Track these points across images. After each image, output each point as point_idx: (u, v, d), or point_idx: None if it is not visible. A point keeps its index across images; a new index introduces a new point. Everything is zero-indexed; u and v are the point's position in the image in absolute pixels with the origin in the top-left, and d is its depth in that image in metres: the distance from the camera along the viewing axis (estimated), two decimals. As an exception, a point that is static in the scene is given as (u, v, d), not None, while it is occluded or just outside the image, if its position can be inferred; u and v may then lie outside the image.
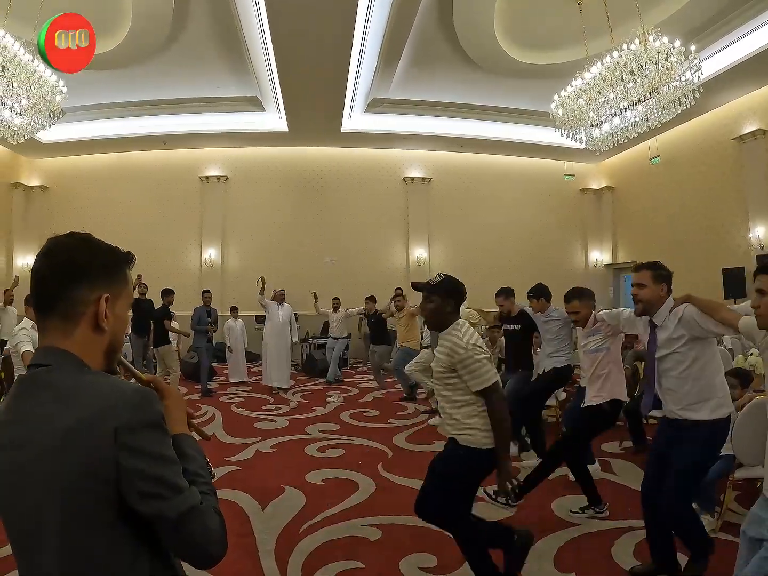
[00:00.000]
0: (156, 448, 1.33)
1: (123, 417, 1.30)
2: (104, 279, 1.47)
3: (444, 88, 13.82)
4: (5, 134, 9.46)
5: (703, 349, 3.69)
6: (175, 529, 1.31)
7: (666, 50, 8.19)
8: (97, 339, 1.46)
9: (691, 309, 3.65)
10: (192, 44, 11.51)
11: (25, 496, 1.31)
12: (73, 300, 1.41)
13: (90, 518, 1.30)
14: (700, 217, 14.42)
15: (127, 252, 1.60)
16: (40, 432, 1.30)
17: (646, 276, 3.85)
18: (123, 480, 1.28)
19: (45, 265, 1.43)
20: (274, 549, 4.46)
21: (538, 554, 4.32)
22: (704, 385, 3.67)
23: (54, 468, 1.27)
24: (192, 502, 1.34)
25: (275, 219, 17.26)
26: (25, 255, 16.75)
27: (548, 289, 6.58)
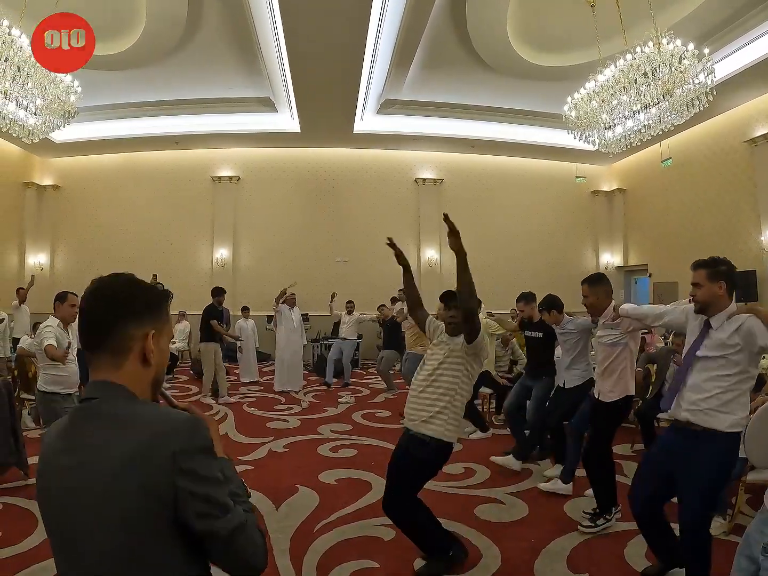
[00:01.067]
0: (209, 471, 1.43)
1: (180, 442, 1.39)
2: (149, 316, 1.56)
3: (456, 89, 13.82)
4: (20, 134, 9.52)
5: (750, 365, 3.51)
6: (225, 545, 1.42)
7: (679, 53, 8.19)
8: (144, 372, 1.56)
9: (753, 321, 3.43)
10: (205, 45, 11.55)
11: (80, 516, 1.38)
12: (122, 336, 1.51)
13: (146, 534, 1.37)
14: (711, 219, 14.38)
15: (166, 290, 1.76)
16: (97, 457, 1.38)
17: (702, 275, 3.67)
18: (180, 500, 1.38)
19: (94, 304, 1.54)
20: (288, 548, 4.50)
21: (550, 555, 4.36)
22: (734, 398, 3.50)
23: (112, 491, 1.35)
24: (240, 519, 1.44)
25: (287, 219, 17.30)
26: (37, 254, 16.88)
27: (559, 300, 6.32)
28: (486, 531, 4.80)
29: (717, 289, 3.60)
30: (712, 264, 3.67)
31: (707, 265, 3.67)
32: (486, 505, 5.44)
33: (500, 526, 4.94)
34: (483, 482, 6.16)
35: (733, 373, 3.49)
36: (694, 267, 3.74)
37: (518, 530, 4.86)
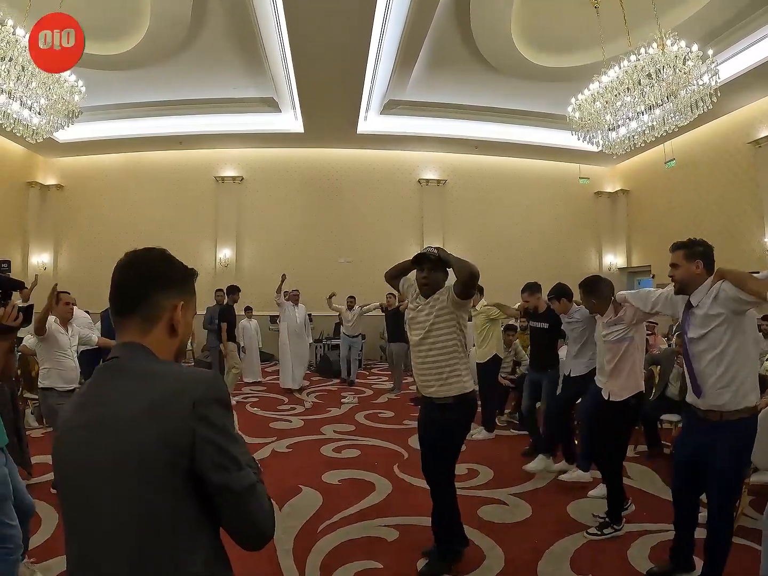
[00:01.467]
0: (226, 423, 1.48)
1: (200, 391, 1.44)
2: (179, 288, 1.66)
3: (460, 90, 13.82)
4: (24, 133, 9.53)
5: (740, 329, 3.59)
6: (237, 503, 1.44)
7: (683, 54, 8.18)
8: (169, 341, 1.64)
9: (726, 284, 3.58)
10: (209, 45, 11.56)
11: (96, 473, 1.40)
12: (153, 304, 1.59)
13: (162, 487, 1.39)
14: (714, 220, 14.35)
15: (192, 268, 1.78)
16: (118, 410, 1.42)
17: (679, 255, 3.83)
18: (198, 448, 1.40)
19: (128, 274, 1.61)
20: (292, 548, 4.50)
21: (554, 556, 4.36)
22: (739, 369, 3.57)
23: (132, 440, 1.38)
24: (252, 479, 1.48)
25: (290, 219, 17.30)
26: (41, 253, 16.87)
27: (569, 289, 6.37)
28: (489, 532, 4.80)
29: (694, 268, 3.75)
30: (689, 245, 3.84)
31: (684, 246, 3.84)
32: (489, 506, 5.44)
33: (504, 527, 4.94)
34: (486, 483, 6.16)
35: (728, 341, 3.58)
36: (672, 249, 3.92)
37: (522, 531, 4.86)
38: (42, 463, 6.33)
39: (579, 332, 6.26)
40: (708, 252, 3.80)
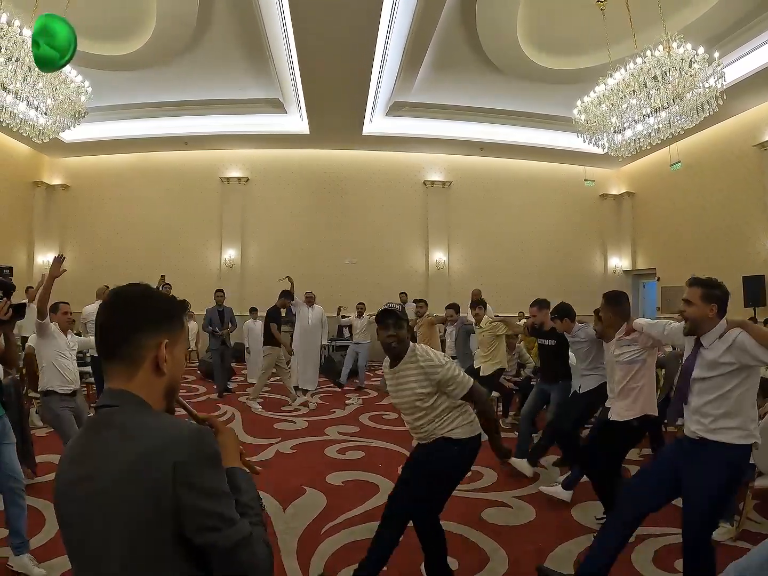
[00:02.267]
0: (211, 483, 1.42)
1: (182, 453, 1.39)
2: (163, 326, 1.59)
3: (465, 92, 13.82)
4: (30, 134, 9.56)
5: (748, 377, 3.49)
6: (226, 558, 1.40)
7: (689, 57, 8.17)
8: (158, 381, 1.57)
9: (744, 336, 3.41)
10: (215, 46, 11.59)
11: (91, 526, 1.40)
12: (135, 346, 1.53)
13: (151, 544, 1.37)
14: (720, 223, 14.34)
15: (183, 300, 1.74)
16: (106, 467, 1.39)
17: (696, 294, 3.64)
18: (182, 512, 1.37)
19: (109, 315, 1.57)
20: (296, 549, 4.51)
21: (557, 559, 4.36)
22: (739, 410, 3.48)
23: (118, 499, 1.36)
24: (243, 533, 1.42)
25: (295, 220, 17.33)
26: (46, 253, 16.90)
27: (571, 308, 6.25)
28: (493, 534, 4.80)
29: (708, 311, 3.57)
30: (708, 285, 3.65)
31: (703, 285, 3.65)
32: (493, 509, 5.44)
33: (507, 530, 4.94)
34: (490, 486, 6.16)
35: (733, 387, 3.47)
36: (690, 283, 3.72)
37: (525, 534, 4.87)
38: (46, 463, 6.34)
39: (584, 352, 6.19)
40: (724, 297, 3.63)
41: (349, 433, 8.47)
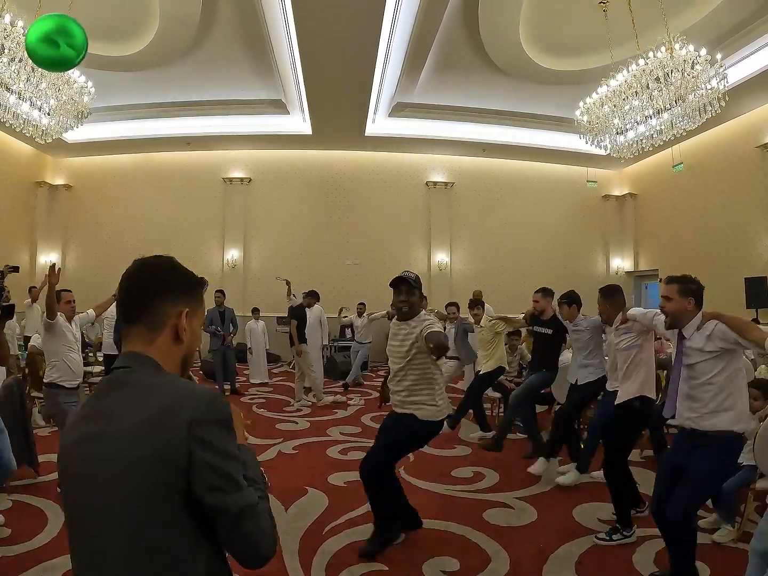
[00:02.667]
0: (224, 444, 1.44)
1: (197, 411, 1.41)
2: (185, 296, 1.64)
3: (468, 93, 13.82)
4: (33, 134, 9.58)
5: (731, 361, 3.72)
6: (233, 524, 1.41)
7: (692, 58, 8.17)
8: (175, 349, 1.62)
9: (723, 327, 3.68)
10: (218, 47, 11.61)
11: (94, 486, 1.40)
12: (158, 312, 1.58)
13: (157, 506, 1.38)
14: (722, 225, 14.33)
15: (201, 277, 1.76)
16: (118, 424, 1.41)
17: (673, 290, 3.94)
18: (193, 469, 1.38)
19: (134, 281, 1.62)
20: (297, 549, 4.52)
21: (559, 560, 4.37)
22: (727, 396, 3.69)
23: (128, 456, 1.37)
24: (250, 500, 1.44)
25: (298, 221, 17.32)
26: (49, 253, 16.95)
27: (579, 298, 6.47)
28: (495, 535, 4.80)
29: (686, 304, 3.87)
30: (683, 281, 3.96)
31: (679, 281, 3.97)
32: (495, 510, 5.45)
33: (509, 531, 4.95)
34: (492, 487, 6.17)
35: (718, 371, 3.72)
36: (667, 281, 4.06)
37: (527, 535, 4.87)
38: (49, 462, 6.35)
39: (585, 341, 6.37)
40: (700, 290, 3.93)
41: (351, 433, 8.48)
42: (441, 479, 6.30)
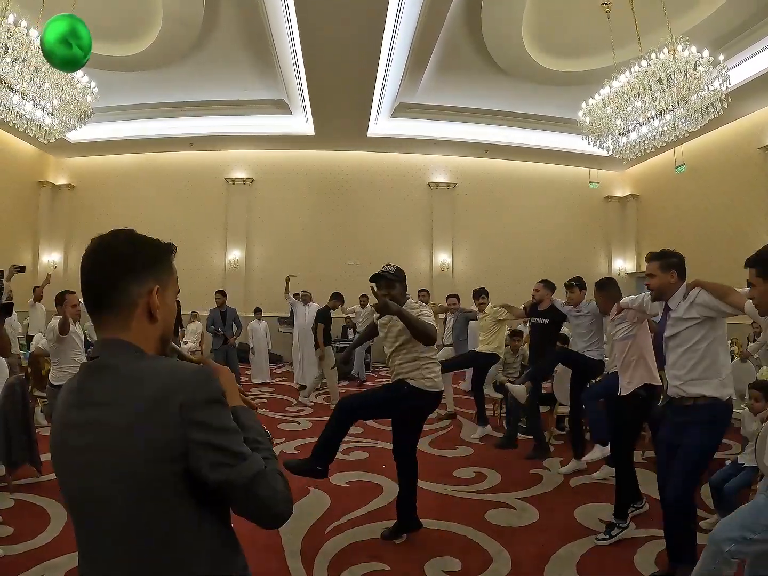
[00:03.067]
0: (219, 421, 1.42)
1: (187, 394, 1.39)
2: (152, 272, 1.56)
3: (470, 93, 13.84)
4: (37, 134, 9.60)
5: (712, 329, 3.86)
6: (244, 494, 1.41)
7: (694, 60, 8.17)
8: (151, 328, 1.55)
9: (703, 294, 3.84)
10: (221, 47, 11.62)
11: (93, 475, 1.39)
12: (126, 294, 1.50)
13: (158, 492, 1.37)
14: (724, 226, 14.33)
15: (169, 243, 1.68)
16: (107, 414, 1.39)
17: (655, 266, 4.10)
18: (192, 452, 1.37)
19: (95, 263, 1.53)
20: (299, 549, 4.52)
21: (560, 561, 4.37)
22: (710, 363, 3.84)
23: (124, 446, 1.36)
24: (257, 467, 1.42)
25: (300, 221, 17.35)
26: (51, 252, 17.00)
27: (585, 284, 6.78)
28: (496, 535, 4.80)
29: (669, 278, 4.04)
30: (663, 256, 4.12)
31: (659, 257, 4.12)
32: (496, 510, 5.45)
33: (510, 531, 4.95)
34: (493, 487, 6.16)
35: (700, 339, 3.87)
36: (648, 259, 4.21)
37: (528, 535, 4.87)
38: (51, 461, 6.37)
39: (587, 325, 6.65)
40: (681, 262, 4.08)
41: (354, 434, 8.44)
42: (442, 479, 6.30)
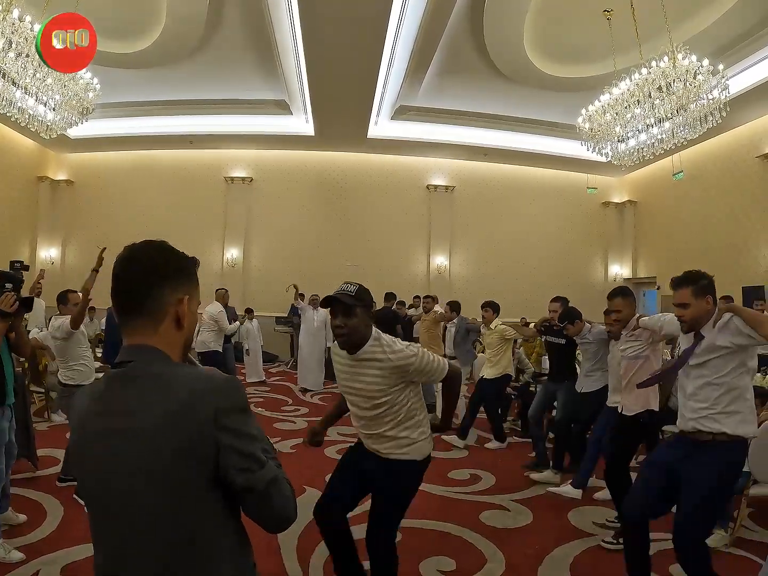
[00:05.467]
0: (247, 428, 1.50)
1: (221, 401, 1.46)
2: (183, 281, 1.62)
3: (471, 97, 13.88)
4: (38, 129, 9.62)
5: (744, 360, 3.45)
6: (260, 498, 1.49)
7: (694, 68, 8.23)
8: (178, 335, 1.62)
9: (738, 320, 3.39)
10: (224, 47, 11.65)
11: (125, 480, 1.44)
12: (159, 301, 1.56)
13: (183, 490, 1.43)
14: (721, 233, 14.38)
15: (193, 257, 1.73)
16: (140, 419, 1.43)
17: (687, 294, 3.56)
18: (222, 456, 1.44)
19: (131, 270, 1.57)
20: (296, 548, 4.56)
21: (554, 562, 4.41)
22: (735, 397, 3.42)
23: (153, 450, 1.41)
24: (273, 473, 1.52)
25: (298, 221, 17.36)
26: (49, 248, 16.99)
27: (576, 310, 6.40)
28: (491, 536, 4.84)
29: (705, 304, 3.52)
30: (694, 280, 3.58)
31: (691, 282, 3.57)
32: (491, 511, 5.49)
33: (505, 533, 4.99)
34: (488, 489, 6.21)
35: (730, 370, 3.42)
36: (676, 286, 3.65)
37: (523, 537, 4.92)
38: (48, 456, 6.41)
39: (592, 352, 6.33)
40: (713, 283, 3.61)
41: (349, 434, 8.46)
42: (438, 481, 6.31)
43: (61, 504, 5.15)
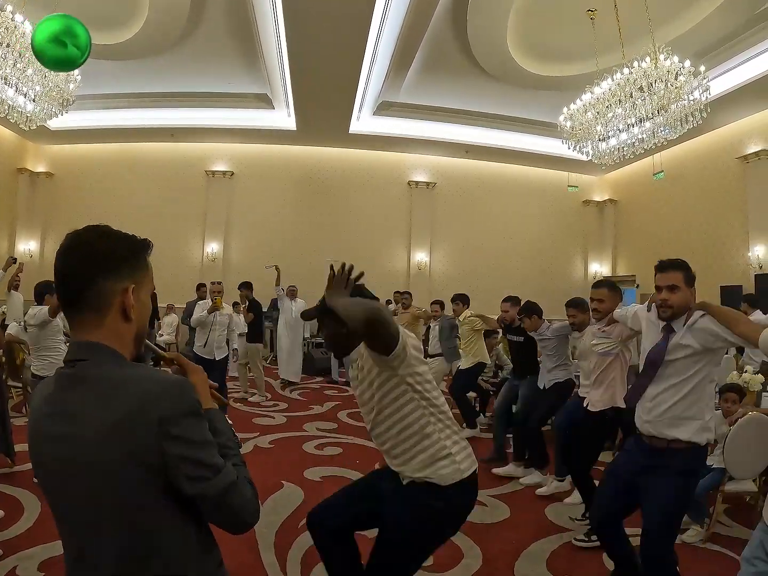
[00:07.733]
0: (196, 434, 1.43)
1: (165, 408, 1.38)
2: (127, 269, 1.52)
3: (453, 94, 13.90)
4: (18, 120, 9.54)
5: (708, 364, 3.26)
6: (215, 505, 1.44)
7: (676, 69, 8.29)
8: (126, 327, 1.53)
9: (707, 319, 3.22)
10: (206, 39, 11.59)
11: (75, 485, 1.41)
12: (101, 293, 1.47)
13: (139, 501, 1.40)
14: (701, 233, 14.51)
15: (144, 239, 1.63)
16: (87, 426, 1.38)
17: (679, 278, 3.36)
18: (169, 465, 1.39)
19: (69, 261, 1.50)
20: (273, 543, 4.55)
21: (531, 556, 4.43)
22: (694, 402, 3.26)
23: (102, 458, 1.36)
24: (230, 478, 1.46)
25: (279, 216, 17.33)
26: (28, 240, 16.78)
27: (538, 306, 6.41)
28: (468, 531, 4.83)
29: (690, 294, 3.37)
30: (685, 267, 3.44)
31: (682, 267, 3.42)
32: (468, 507, 5.51)
33: (482, 527, 5.00)
34: (466, 484, 6.22)
35: (693, 373, 3.25)
36: (666, 267, 3.45)
37: (500, 532, 4.94)
38: (25, 452, 6.32)
39: (552, 348, 6.34)
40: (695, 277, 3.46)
41: (328, 429, 8.51)
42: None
43: (38, 499, 5.11)
